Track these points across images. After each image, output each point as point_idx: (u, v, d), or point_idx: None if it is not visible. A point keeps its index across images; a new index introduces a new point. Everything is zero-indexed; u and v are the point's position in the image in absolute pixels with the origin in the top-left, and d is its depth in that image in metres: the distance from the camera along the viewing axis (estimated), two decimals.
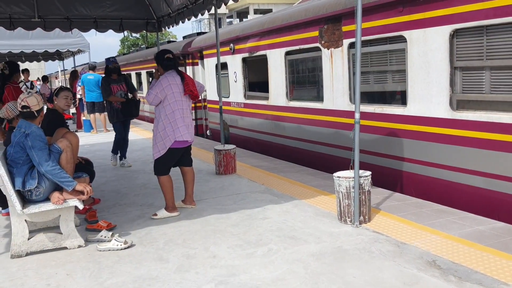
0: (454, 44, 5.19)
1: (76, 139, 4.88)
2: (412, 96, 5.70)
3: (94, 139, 12.11)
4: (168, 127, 5.04)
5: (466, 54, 5.10)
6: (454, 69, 5.21)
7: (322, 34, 7.25)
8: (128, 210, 5.56)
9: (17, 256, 4.20)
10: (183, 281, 3.55)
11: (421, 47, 5.54)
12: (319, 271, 3.59)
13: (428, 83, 5.49)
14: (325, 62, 7.26)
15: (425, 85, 5.53)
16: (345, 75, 6.88)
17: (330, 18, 6.99)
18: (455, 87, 5.24)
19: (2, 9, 7.66)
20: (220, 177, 7.00)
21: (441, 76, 5.30)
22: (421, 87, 5.59)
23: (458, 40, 5.16)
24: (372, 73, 6.53)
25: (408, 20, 5.65)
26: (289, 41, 8.14)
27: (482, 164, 4.97)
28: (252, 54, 9.39)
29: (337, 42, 6.93)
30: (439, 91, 5.35)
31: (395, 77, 6.18)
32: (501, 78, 4.79)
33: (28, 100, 4.32)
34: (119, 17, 8.76)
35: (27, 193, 4.26)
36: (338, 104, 7.08)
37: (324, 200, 5.48)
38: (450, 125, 5.25)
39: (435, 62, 5.38)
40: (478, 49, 4.96)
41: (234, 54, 10.13)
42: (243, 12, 43.19)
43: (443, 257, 3.73)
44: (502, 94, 4.78)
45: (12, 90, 7.54)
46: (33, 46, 14.08)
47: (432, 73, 5.42)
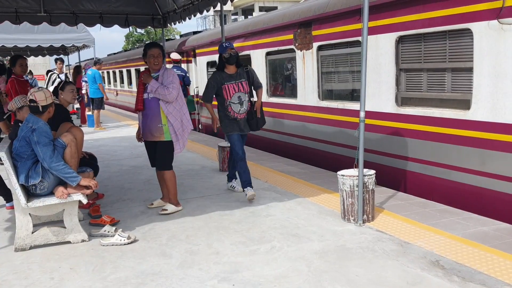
0: (399, 49, 5.95)
1: (80, 133, 4.89)
2: (367, 94, 5.97)
3: (98, 134, 12.14)
4: (184, 119, 5.17)
5: (409, 57, 5.89)
6: (399, 70, 5.98)
7: (296, 37, 8.05)
8: (132, 205, 5.57)
9: (21, 249, 4.22)
10: (186, 277, 3.56)
11: (374, 51, 6.26)
12: (322, 269, 3.59)
13: (379, 83, 6.24)
14: (299, 62, 8.05)
15: (377, 84, 6.27)
16: (314, 75, 7.68)
17: (303, 23, 7.77)
18: (400, 86, 6.02)
19: (8, 3, 7.67)
20: (223, 174, 6.99)
21: (389, 77, 6.08)
22: (373, 86, 6.33)
23: (402, 45, 5.93)
24: (336, 73, 7.35)
25: None
26: (269, 42, 8.92)
27: (419, 152, 5.78)
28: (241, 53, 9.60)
29: (308, 45, 7.73)
30: (387, 89, 6.13)
31: (354, 77, 6.97)
32: (435, 79, 5.59)
33: (36, 94, 4.33)
34: (124, 13, 8.75)
35: (32, 187, 4.27)
36: (309, 100, 7.91)
37: (327, 198, 5.47)
38: (396, 119, 6.03)
39: (384, 65, 6.15)
40: (418, 53, 5.76)
41: None
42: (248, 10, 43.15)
43: (446, 257, 3.72)
44: (435, 92, 5.59)
45: (16, 83, 7.52)
46: (39, 41, 14.08)
47: (382, 74, 6.18)
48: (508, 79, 4.69)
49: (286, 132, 8.75)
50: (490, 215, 4.85)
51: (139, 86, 5.14)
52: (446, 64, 5.38)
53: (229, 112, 5.51)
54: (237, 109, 5.50)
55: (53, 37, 14.15)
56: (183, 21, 8.42)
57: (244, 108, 5.54)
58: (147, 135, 5.19)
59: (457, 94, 5.33)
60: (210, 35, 11.82)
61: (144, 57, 5.14)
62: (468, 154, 5.17)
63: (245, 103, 5.54)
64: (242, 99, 5.51)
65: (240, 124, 5.58)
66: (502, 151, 4.81)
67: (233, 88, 5.49)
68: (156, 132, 5.10)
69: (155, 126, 5.09)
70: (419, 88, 5.80)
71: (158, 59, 5.07)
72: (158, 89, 4.96)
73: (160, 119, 5.06)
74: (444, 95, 5.48)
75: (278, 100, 8.92)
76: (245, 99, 5.54)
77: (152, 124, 5.09)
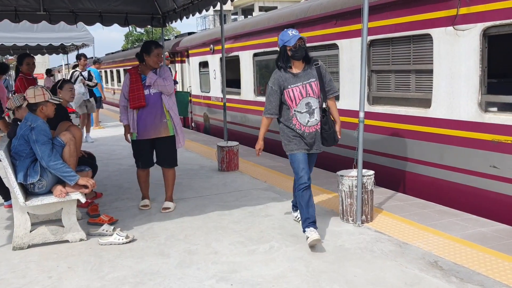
0: (370, 52, 6.35)
1: (79, 132, 4.88)
2: (343, 93, 6.91)
3: (97, 134, 12.12)
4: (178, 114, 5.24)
5: (379, 60, 6.34)
6: (370, 72, 6.39)
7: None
8: (130, 204, 5.57)
9: (19, 248, 4.21)
10: (184, 276, 3.55)
11: (349, 53, 6.77)
12: (320, 270, 3.59)
13: (354, 83, 6.65)
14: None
15: (351, 85, 6.74)
16: None
17: (286, 27, 7.94)
18: (371, 86, 6.44)
19: (7, 2, 7.65)
20: (222, 173, 6.99)
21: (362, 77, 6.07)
22: (349, 86, 6.82)
23: (373, 48, 6.36)
24: None
25: (339, 31, 6.92)
26: (256, 44, 9.39)
27: (389, 148, 6.22)
28: (228, 55, 10.48)
29: None
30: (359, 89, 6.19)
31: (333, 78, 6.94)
32: (401, 80, 6.04)
33: (27, 91, 4.35)
34: (124, 12, 8.74)
35: (30, 186, 4.26)
36: None
37: (326, 199, 5.47)
38: (368, 117, 6.10)
39: (358, 66, 6.16)
40: (386, 56, 6.20)
41: (214, 54, 11.37)
42: (248, 9, 43.15)
43: (445, 258, 3.72)
44: (401, 92, 6.04)
45: (25, 81, 7.51)
46: (38, 39, 14.06)
47: (356, 75, 6.42)
48: (461, 79, 5.12)
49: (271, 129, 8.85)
50: (446, 204, 5.26)
51: (135, 83, 5.06)
52: (411, 66, 5.82)
53: (294, 125, 4.21)
54: (304, 121, 4.17)
55: (52, 36, 14.14)
56: (181, 20, 8.41)
57: (314, 119, 4.19)
58: (149, 133, 5.12)
59: (420, 93, 5.78)
60: (202, 37, 12.30)
61: (146, 53, 5.06)
62: (428, 148, 5.61)
63: (316, 112, 4.19)
64: (312, 107, 4.18)
65: (307, 140, 4.24)
66: (457, 145, 5.26)
67: (300, 92, 4.17)
68: (162, 128, 5.13)
69: (161, 122, 5.12)
70: (388, 88, 6.29)
71: (160, 58, 5.15)
72: (158, 80, 5.01)
73: (165, 114, 5.11)
74: (409, 94, 5.93)
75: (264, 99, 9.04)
76: (316, 107, 4.19)
77: (157, 120, 5.10)
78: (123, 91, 5.19)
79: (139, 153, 5.25)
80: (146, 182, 5.42)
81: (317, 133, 4.28)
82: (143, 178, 5.39)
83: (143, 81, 5.06)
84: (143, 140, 5.16)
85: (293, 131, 4.23)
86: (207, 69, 11.91)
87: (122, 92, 5.20)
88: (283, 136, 4.32)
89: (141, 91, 5.04)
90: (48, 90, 4.47)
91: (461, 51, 5.10)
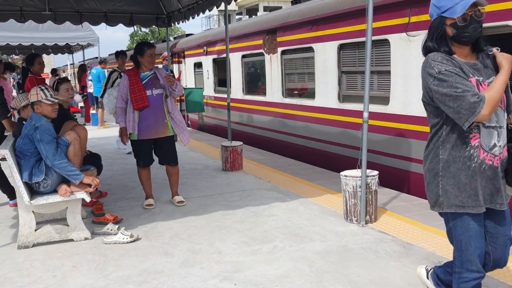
0: (340, 55, 7.08)
1: (84, 131, 4.90)
2: (318, 92, 7.67)
3: (102, 133, 12.16)
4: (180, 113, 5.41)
5: (347, 62, 7.05)
6: (341, 72, 7.12)
7: (265, 43, 9.18)
8: (135, 204, 5.59)
9: (24, 247, 4.23)
10: (188, 275, 3.56)
11: (322, 56, 7.45)
12: (324, 269, 3.59)
13: (326, 83, 7.41)
14: (267, 64, 9.22)
15: (325, 84, 7.46)
16: (279, 75, 8.86)
17: (270, 31, 8.91)
18: (341, 85, 7.18)
19: (13, 2, 7.70)
20: (226, 173, 7.00)
21: (333, 78, 7.24)
22: (322, 86, 7.52)
23: (343, 52, 7.06)
24: (296, 74, 8.56)
25: (315, 36, 7.58)
26: (244, 46, 10.09)
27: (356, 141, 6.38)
28: (220, 56, 11.39)
29: (274, 50, 8.90)
30: (332, 88, 7.31)
31: (310, 78, 8.06)
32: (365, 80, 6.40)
33: (31, 91, 4.38)
34: (129, 12, 8.77)
35: (35, 185, 4.29)
36: (275, 97, 9.08)
37: (330, 199, 5.47)
38: (338, 113, 7.17)
39: (330, 67, 7.29)
40: (353, 58, 6.91)
41: (207, 55, 12.15)
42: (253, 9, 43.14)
43: (449, 258, 3.71)
44: None
45: (35, 81, 7.53)
46: (43, 39, 14.13)
47: (328, 75, 7.33)
48: (413, 79, 5.77)
49: (257, 126, 9.91)
50: (401, 190, 5.93)
51: (136, 84, 5.08)
52: (373, 67, 6.43)
53: (471, 149, 2.41)
54: (489, 142, 2.41)
55: (57, 36, 14.20)
56: (187, 20, 8.43)
57: (501, 145, 2.43)
58: (151, 133, 5.18)
59: (380, 92, 6.45)
60: (196, 39, 12.95)
61: (140, 55, 5.12)
62: (388, 141, 6.28)
63: (503, 134, 2.45)
64: (500, 123, 2.43)
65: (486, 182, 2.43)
66: (411, 138, 5.90)
67: None
68: (163, 128, 5.21)
69: (162, 122, 5.20)
70: (355, 87, 7.01)
71: (154, 58, 5.20)
72: (178, 86, 5.22)
73: (165, 115, 5.20)
74: (372, 93, 6.43)
75: (252, 97, 9.99)
76: (503, 124, 2.45)
77: (158, 121, 5.17)
78: (120, 93, 5.19)
79: (140, 152, 5.30)
80: (148, 180, 5.45)
81: (502, 169, 2.46)
82: (145, 176, 5.42)
83: (144, 81, 5.11)
84: (144, 140, 5.21)
85: (468, 162, 2.41)
86: (201, 69, 12.69)
87: (120, 94, 5.19)
88: (442, 173, 2.47)
89: (143, 92, 5.08)
90: (45, 90, 4.42)
91: (412, 55, 5.75)
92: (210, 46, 11.87)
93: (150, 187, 5.50)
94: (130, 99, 5.10)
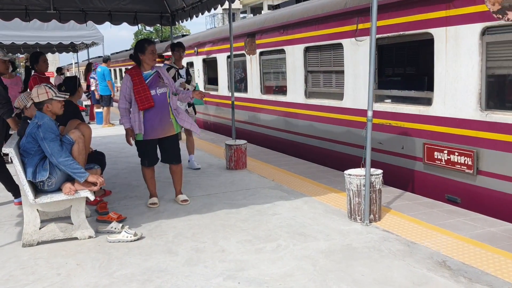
0: (306, 56, 8.06)
1: (88, 130, 4.92)
2: (289, 89, 8.67)
3: (107, 131, 12.19)
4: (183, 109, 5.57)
5: (312, 62, 8.04)
6: (307, 72, 8.12)
7: (246, 45, 10.08)
8: (139, 202, 5.59)
9: (28, 245, 4.25)
10: (191, 274, 3.57)
11: (292, 57, 8.43)
12: (327, 268, 3.58)
13: (295, 81, 8.41)
14: (248, 64, 10.21)
15: (294, 82, 8.46)
16: (258, 75, 9.87)
17: (250, 34, 9.89)
18: (308, 83, 8.17)
19: (18, 1, 7.73)
20: (230, 172, 7.00)
21: (301, 76, 8.23)
22: (292, 84, 8.51)
23: (308, 53, 8.05)
24: (272, 73, 9.56)
25: (286, 39, 8.57)
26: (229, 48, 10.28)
27: (318, 132, 7.91)
28: (208, 56, 12.44)
29: (254, 51, 9.85)
30: (300, 86, 8.31)
31: (283, 76, 9.01)
32: (326, 78, 7.77)
33: (32, 91, 4.40)
34: (133, 10, 8.79)
35: (39, 183, 4.30)
36: (255, 94, 10.05)
37: (334, 198, 5.46)
38: (305, 108, 8.21)
39: (298, 67, 8.29)
40: (316, 59, 7.90)
41: (198, 56, 13.21)
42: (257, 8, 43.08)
43: (453, 257, 3.70)
44: (326, 88, 7.77)
45: (38, 80, 7.54)
46: (48, 38, 14.18)
47: (297, 74, 8.34)
48: (360, 78, 6.74)
49: (241, 120, 10.71)
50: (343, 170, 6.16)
51: (139, 84, 5.04)
52: (332, 67, 7.48)
53: None
54: None
55: (62, 34, 14.24)
56: (191, 19, 8.43)
57: None
58: (157, 133, 5.16)
59: (337, 89, 7.44)
60: (188, 40, 13.80)
61: (140, 52, 5.06)
62: (342, 131, 7.30)
63: None
64: None
65: None
66: (358, 128, 6.80)
67: None
68: (169, 127, 5.22)
69: (167, 121, 5.20)
70: (318, 85, 8.00)
71: (155, 55, 5.18)
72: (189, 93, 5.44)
73: (170, 113, 5.21)
74: (331, 90, 7.60)
75: (237, 94, 10.56)
76: None
77: (163, 120, 5.16)
78: (123, 93, 5.12)
79: (146, 152, 5.28)
80: (152, 179, 5.45)
81: None
82: (149, 175, 5.42)
83: (147, 81, 5.09)
84: (150, 140, 5.19)
85: None
86: (192, 68, 13.58)
87: (122, 94, 5.12)
88: None
89: (148, 91, 5.03)
90: (52, 88, 4.47)
91: (360, 56, 6.67)
92: (200, 47, 12.95)
93: (154, 185, 5.50)
94: (134, 99, 5.04)
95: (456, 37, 5.22)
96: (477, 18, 4.95)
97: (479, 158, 5.03)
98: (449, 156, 5.36)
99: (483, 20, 4.88)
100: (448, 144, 5.39)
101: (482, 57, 4.96)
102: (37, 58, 7.69)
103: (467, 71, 5.12)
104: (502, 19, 4.66)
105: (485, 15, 4.85)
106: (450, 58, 5.32)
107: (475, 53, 5.01)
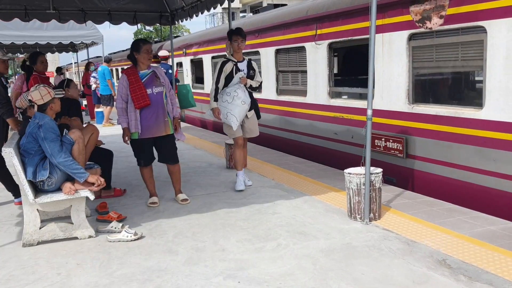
0: (277, 58, 8.96)
1: (96, 130, 5.18)
2: (263, 87, 9.42)
3: (107, 131, 12.18)
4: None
5: (282, 63, 8.92)
6: (278, 72, 9.03)
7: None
8: (139, 202, 5.60)
9: (28, 244, 4.25)
10: (191, 273, 3.57)
11: (265, 58, 9.31)
12: (327, 267, 3.59)
13: (269, 80, 9.25)
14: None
15: (268, 81, 9.28)
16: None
17: None
18: (279, 82, 9.07)
19: (18, 1, 7.73)
20: (230, 171, 7.00)
21: (273, 76, 9.13)
22: (267, 82, 9.31)
23: (279, 55, 8.93)
24: None
25: (260, 42, 9.46)
26: (213, 49, 11.99)
27: (290, 126, 8.77)
28: (196, 57, 13.28)
29: None
30: (272, 84, 9.19)
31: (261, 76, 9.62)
32: (294, 77, 8.62)
33: (32, 94, 4.39)
34: (133, 10, 8.79)
35: (39, 183, 4.31)
36: None
37: (334, 197, 5.46)
38: (276, 104, 9.10)
39: (270, 67, 9.17)
40: (285, 60, 8.78)
41: (186, 56, 14.03)
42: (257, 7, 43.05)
43: (453, 256, 3.70)
44: (294, 86, 8.61)
45: (39, 80, 7.55)
46: (48, 38, 14.18)
47: (269, 74, 9.21)
48: (319, 77, 7.64)
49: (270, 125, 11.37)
50: (336, 166, 7.14)
51: (135, 83, 5.07)
52: (298, 67, 8.33)
53: None
54: None
55: (62, 34, 14.26)
56: (190, 18, 8.43)
57: None
58: (152, 131, 5.18)
59: (302, 87, 8.24)
60: (177, 42, 14.59)
61: (136, 51, 5.10)
62: (305, 124, 8.16)
63: None
64: None
65: None
66: (318, 121, 7.80)
67: None
68: (165, 126, 5.22)
69: (163, 120, 5.21)
70: (287, 83, 8.85)
71: (151, 54, 5.19)
72: None
73: (166, 113, 5.24)
74: (298, 87, 8.43)
75: None
76: None
77: (159, 119, 5.18)
78: (119, 93, 5.15)
79: (141, 151, 5.29)
80: (151, 178, 5.46)
81: None
82: (148, 174, 5.42)
83: (144, 79, 5.12)
84: (145, 139, 5.20)
85: None
86: (181, 68, 14.51)
87: (119, 94, 5.15)
88: None
89: (143, 90, 5.07)
90: (49, 87, 4.52)
91: (319, 58, 7.56)
92: (188, 48, 13.80)
93: (154, 185, 5.50)
94: (130, 98, 5.08)
95: (389, 42, 6.09)
96: (405, 26, 5.83)
97: (408, 144, 5.93)
98: (386, 143, 6.27)
99: (409, 28, 5.75)
100: (385, 133, 6.29)
101: (409, 59, 5.83)
102: (35, 59, 7.70)
103: (398, 70, 5.99)
104: (423, 27, 5.55)
105: (411, 24, 5.73)
106: (385, 60, 6.19)
107: (404, 55, 5.88)
